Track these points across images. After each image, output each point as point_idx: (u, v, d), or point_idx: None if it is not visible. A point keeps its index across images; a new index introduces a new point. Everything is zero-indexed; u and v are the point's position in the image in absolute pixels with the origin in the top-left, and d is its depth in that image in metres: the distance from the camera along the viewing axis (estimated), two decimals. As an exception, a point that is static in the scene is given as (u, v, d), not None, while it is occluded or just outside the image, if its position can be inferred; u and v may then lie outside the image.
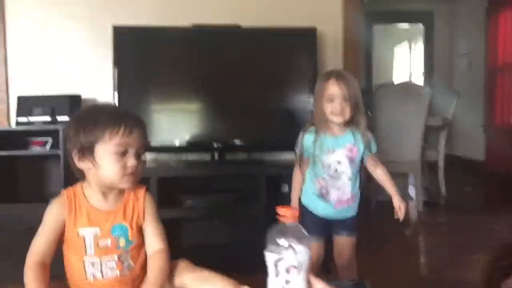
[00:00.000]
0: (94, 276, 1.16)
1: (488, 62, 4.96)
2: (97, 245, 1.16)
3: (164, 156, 2.55)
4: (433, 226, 3.17)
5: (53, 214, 1.16)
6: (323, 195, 1.64)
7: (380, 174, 1.69)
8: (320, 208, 1.65)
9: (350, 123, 1.61)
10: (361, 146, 1.63)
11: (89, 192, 1.20)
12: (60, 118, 2.46)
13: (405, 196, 3.49)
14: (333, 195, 1.63)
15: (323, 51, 2.52)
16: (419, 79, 6.21)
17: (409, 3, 5.66)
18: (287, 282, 0.90)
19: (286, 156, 2.55)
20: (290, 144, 2.43)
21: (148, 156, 2.39)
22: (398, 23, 6.03)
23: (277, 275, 0.90)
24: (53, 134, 2.44)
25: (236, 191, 2.41)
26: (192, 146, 2.47)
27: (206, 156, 2.51)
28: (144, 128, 1.19)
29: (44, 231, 1.15)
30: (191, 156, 2.54)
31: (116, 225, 1.18)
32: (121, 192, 1.22)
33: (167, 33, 2.44)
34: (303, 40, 2.43)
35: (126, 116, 1.17)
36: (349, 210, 1.67)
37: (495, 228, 2.91)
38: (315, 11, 2.62)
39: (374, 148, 1.66)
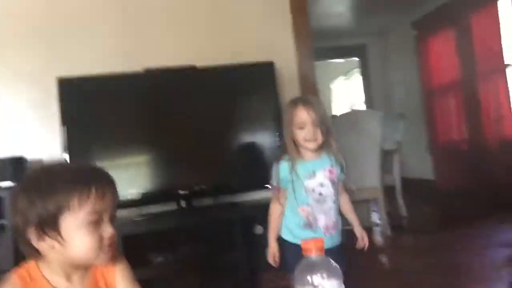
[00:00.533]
0: None
1: (424, 86, 5.24)
2: None
3: (125, 212, 2.35)
4: (407, 249, 3.18)
5: None
6: (310, 224, 1.57)
7: (343, 203, 1.67)
8: (306, 236, 1.54)
9: (321, 147, 1.59)
10: (338, 168, 1.60)
11: (48, 273, 0.94)
12: (2, 183, 2.21)
13: (371, 223, 3.49)
14: (321, 221, 1.57)
15: (281, 85, 2.49)
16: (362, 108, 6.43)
17: (342, 38, 5.91)
18: (327, 322, 0.78)
19: (254, 196, 2.45)
20: (258, 182, 2.37)
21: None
22: (334, 59, 6.26)
23: (313, 317, 0.78)
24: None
25: (209, 240, 2.25)
26: (156, 197, 2.30)
27: (171, 206, 2.34)
28: (115, 185, 0.96)
29: None
30: (155, 208, 2.36)
31: None
32: (87, 268, 0.97)
33: (117, 80, 2.31)
34: (261, 75, 2.40)
35: (93, 173, 0.94)
36: (336, 236, 1.61)
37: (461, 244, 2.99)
38: (269, 47, 2.61)
39: (343, 175, 1.64)
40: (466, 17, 4.38)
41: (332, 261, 0.83)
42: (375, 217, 3.63)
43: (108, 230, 0.92)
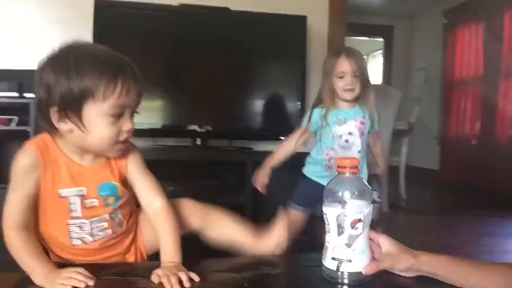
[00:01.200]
0: (82, 240, 1.00)
1: (445, 76, 5.21)
2: (84, 206, 0.98)
3: (139, 142, 2.39)
4: (402, 226, 3.26)
5: (23, 170, 0.92)
6: (330, 166, 1.64)
7: (378, 150, 1.76)
8: (325, 178, 1.62)
9: (357, 99, 1.64)
10: (369, 121, 1.65)
11: (63, 146, 0.97)
12: (28, 95, 2.24)
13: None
14: None
15: (309, 42, 2.49)
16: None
17: (371, 17, 5.83)
18: (353, 238, 0.83)
19: (267, 146, 2.48)
20: (273, 133, 2.41)
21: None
22: (359, 36, 6.18)
23: (339, 233, 0.83)
24: (20, 111, 2.21)
25: (220, 178, 2.30)
26: (173, 131, 2.34)
27: (187, 142, 2.38)
28: (141, 82, 0.95)
29: (17, 192, 0.93)
30: (171, 142, 2.40)
31: (104, 184, 0.99)
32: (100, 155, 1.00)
33: (151, 10, 2.31)
34: (293, 28, 2.40)
35: (122, 65, 0.92)
36: None
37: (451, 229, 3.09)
38: (303, 2, 2.59)
39: (377, 126, 1.71)
40: (499, 13, 4.31)
41: (365, 182, 0.86)
42: (375, 195, 3.69)
43: (127, 124, 0.94)
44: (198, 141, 2.35)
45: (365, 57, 7.42)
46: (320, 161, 1.66)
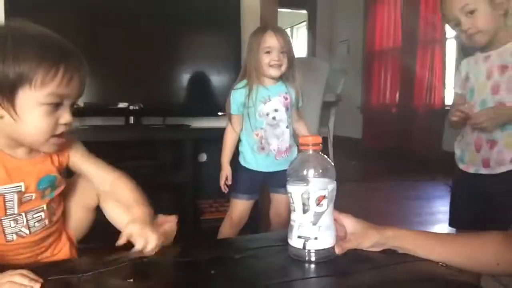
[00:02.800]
0: (18, 234, 0.93)
1: (366, 47, 5.41)
2: (21, 201, 0.91)
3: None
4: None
5: None
6: (263, 147, 1.65)
7: (301, 126, 1.76)
8: (260, 162, 1.66)
9: (281, 76, 1.63)
10: (293, 96, 1.66)
11: None
12: None
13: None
14: (273, 144, 1.65)
15: (242, 13, 2.42)
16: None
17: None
18: (317, 215, 0.82)
19: (204, 123, 2.43)
20: (209, 109, 2.35)
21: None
22: (283, 8, 6.19)
23: (305, 211, 0.82)
24: None
25: (157, 158, 2.21)
26: (103, 110, 2.18)
27: (119, 121, 2.24)
28: (85, 70, 0.87)
29: None
30: (102, 121, 2.25)
31: (44, 177, 0.92)
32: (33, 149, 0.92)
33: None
34: (227, 4, 2.31)
35: (67, 53, 0.83)
36: (288, 161, 1.66)
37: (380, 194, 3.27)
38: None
39: (300, 102, 1.72)
40: (416, -13, 4.53)
41: (329, 160, 0.85)
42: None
43: (65, 116, 0.85)
44: (131, 120, 2.22)
45: (287, 29, 7.50)
46: (252, 143, 1.65)
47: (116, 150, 2.12)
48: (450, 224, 1.45)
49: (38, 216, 0.95)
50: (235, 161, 1.75)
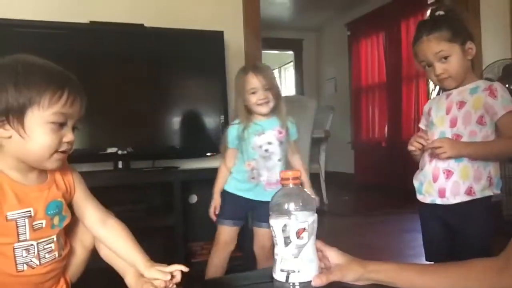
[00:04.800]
0: (28, 264, 0.95)
1: (353, 84, 5.53)
2: (32, 228, 0.95)
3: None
4: (328, 230, 3.37)
5: None
6: (253, 177, 1.70)
7: (296, 161, 1.79)
8: (249, 189, 1.70)
9: (272, 111, 1.70)
10: (288, 129, 1.72)
11: (2, 163, 0.94)
12: None
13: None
14: (264, 176, 1.69)
15: (227, 56, 2.49)
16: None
17: (280, 31, 6.03)
18: (299, 248, 0.83)
19: (195, 164, 2.44)
20: (198, 151, 2.37)
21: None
22: (270, 50, 6.36)
23: (286, 244, 0.82)
24: None
25: (147, 201, 2.21)
26: (92, 155, 2.19)
27: (107, 166, 2.25)
28: (85, 97, 0.98)
29: None
30: (90, 167, 2.25)
31: (52, 202, 0.98)
32: (42, 171, 0.99)
33: (59, 29, 2.16)
34: (210, 43, 2.38)
35: (68, 78, 0.95)
36: None
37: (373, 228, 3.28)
38: (217, 16, 2.60)
39: (294, 135, 1.77)
40: (396, 23, 4.69)
41: (308, 192, 0.87)
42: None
43: (68, 135, 0.95)
44: (120, 164, 2.23)
45: (274, 69, 7.67)
46: (243, 173, 1.70)
47: (105, 195, 2.13)
48: (426, 258, 1.46)
49: (49, 247, 0.98)
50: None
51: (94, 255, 1.16)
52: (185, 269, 1.00)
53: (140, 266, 1.02)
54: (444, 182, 1.32)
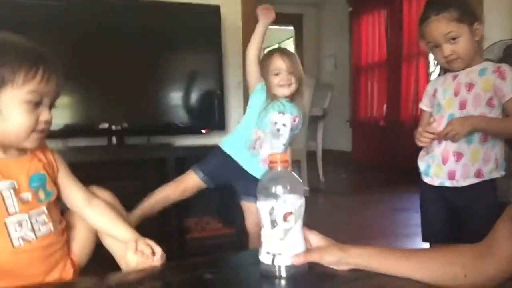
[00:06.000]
0: (24, 238, 0.94)
1: (353, 62, 5.47)
2: (20, 200, 0.94)
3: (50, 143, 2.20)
4: (323, 208, 3.40)
5: None
6: (254, 147, 1.69)
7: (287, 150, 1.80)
8: (243, 156, 1.69)
9: (293, 97, 1.72)
10: (301, 120, 1.75)
11: None
12: None
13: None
14: (265, 150, 1.68)
15: (223, 31, 2.45)
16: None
17: (279, 6, 5.92)
18: (286, 231, 0.82)
19: (190, 141, 2.43)
20: (194, 127, 2.35)
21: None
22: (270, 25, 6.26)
23: (273, 227, 0.82)
24: None
25: (142, 177, 2.21)
26: (85, 130, 2.18)
27: (102, 142, 2.24)
28: (61, 73, 0.96)
29: None
30: (84, 142, 2.24)
31: (34, 174, 0.98)
32: (19, 148, 0.98)
33: (52, 0, 2.11)
34: (206, 18, 2.33)
35: (43, 54, 0.93)
36: None
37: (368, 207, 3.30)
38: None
39: (300, 131, 1.81)
40: (399, 1, 4.60)
41: (296, 176, 0.86)
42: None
43: (45, 114, 0.93)
44: (114, 140, 2.22)
45: (274, 45, 7.57)
46: (246, 136, 1.70)
47: (99, 170, 2.12)
48: (424, 239, 1.47)
49: (41, 219, 0.97)
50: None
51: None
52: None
53: (127, 237, 1.04)
54: (454, 164, 1.33)
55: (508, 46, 2.82)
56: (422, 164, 1.45)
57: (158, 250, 1.01)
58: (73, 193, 1.09)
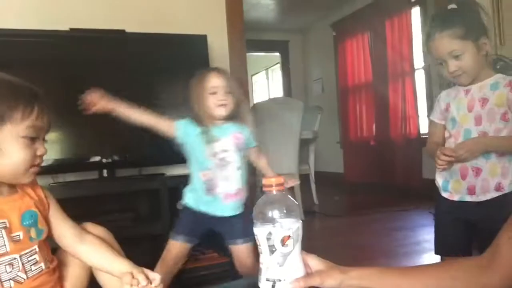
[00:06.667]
0: (15, 280, 0.92)
1: (339, 84, 5.54)
2: (11, 240, 0.93)
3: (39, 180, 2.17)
4: (318, 230, 3.37)
5: None
6: (209, 190, 1.58)
7: (262, 162, 1.70)
8: (205, 203, 1.59)
9: (231, 118, 1.61)
10: (246, 134, 1.63)
11: None
12: None
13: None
14: (221, 187, 1.58)
15: (211, 59, 2.47)
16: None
17: (266, 33, 6.03)
18: (284, 256, 0.80)
19: (182, 170, 2.40)
20: (183, 156, 2.33)
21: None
22: (257, 52, 6.35)
23: (271, 253, 0.80)
24: None
25: (134, 209, 2.18)
26: (76, 164, 2.16)
27: (92, 175, 2.21)
28: (49, 109, 0.99)
29: None
30: (75, 177, 2.21)
31: (26, 212, 0.97)
32: (11, 184, 0.98)
33: (39, 37, 2.12)
34: (193, 48, 2.36)
35: (37, 92, 0.96)
36: (238, 205, 1.63)
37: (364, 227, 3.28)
38: (200, 19, 2.58)
39: (252, 142, 1.67)
40: (381, 23, 4.70)
41: (292, 198, 0.85)
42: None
43: (41, 148, 0.96)
44: (105, 173, 2.19)
45: (261, 71, 7.65)
46: (198, 184, 1.60)
47: (91, 204, 2.10)
48: (436, 252, 1.47)
49: (33, 259, 0.96)
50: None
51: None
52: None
53: (122, 269, 1.02)
54: (473, 179, 1.33)
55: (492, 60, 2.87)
56: (440, 180, 1.43)
57: (155, 276, 1.00)
58: (65, 230, 1.07)
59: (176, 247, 1.62)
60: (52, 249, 1.08)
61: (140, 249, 2.23)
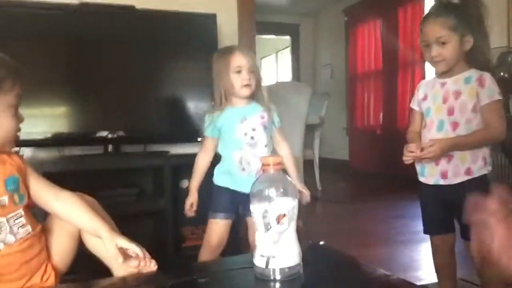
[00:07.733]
0: (4, 242, 0.97)
1: (349, 71, 5.50)
2: None
3: (43, 152, 2.21)
4: (320, 216, 3.40)
5: None
6: (243, 168, 1.60)
7: (284, 149, 1.69)
8: (242, 182, 1.59)
9: (252, 97, 1.63)
10: (271, 114, 1.64)
11: None
12: None
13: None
14: (253, 164, 1.59)
15: (219, 40, 2.46)
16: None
17: (277, 15, 5.98)
18: (279, 234, 0.82)
19: (186, 149, 2.43)
20: (189, 135, 2.35)
21: (27, 151, 2.06)
22: (266, 34, 6.30)
23: (267, 230, 0.82)
24: None
25: (138, 185, 2.20)
26: (81, 139, 2.18)
27: (97, 150, 2.24)
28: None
29: None
30: (80, 151, 2.24)
31: (9, 177, 1.01)
32: None
33: (48, 9, 2.12)
34: (203, 27, 2.35)
35: (17, 64, 1.02)
36: None
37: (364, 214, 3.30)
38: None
39: (278, 123, 1.68)
40: (394, 10, 4.64)
41: (290, 179, 0.86)
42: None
43: (21, 116, 1.03)
44: (110, 148, 2.22)
45: (271, 55, 7.60)
46: (232, 165, 1.61)
47: (96, 179, 2.12)
48: (425, 232, 1.60)
49: (20, 222, 1.01)
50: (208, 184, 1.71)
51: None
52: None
53: (103, 232, 1.05)
54: (445, 165, 1.44)
55: (502, 53, 2.85)
56: (418, 166, 1.54)
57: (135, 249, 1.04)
58: (41, 189, 1.10)
59: (219, 225, 1.64)
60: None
61: (142, 224, 2.28)
